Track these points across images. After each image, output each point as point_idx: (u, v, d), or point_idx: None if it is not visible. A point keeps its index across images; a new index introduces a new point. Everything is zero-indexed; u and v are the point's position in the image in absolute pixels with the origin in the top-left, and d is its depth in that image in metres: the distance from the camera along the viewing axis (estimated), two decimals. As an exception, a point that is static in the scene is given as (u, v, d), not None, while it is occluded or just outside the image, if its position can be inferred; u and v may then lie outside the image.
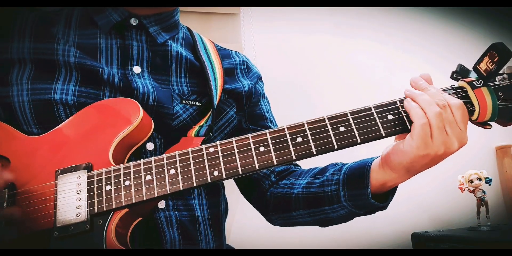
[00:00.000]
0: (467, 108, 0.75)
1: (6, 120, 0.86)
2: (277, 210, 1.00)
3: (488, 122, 0.78)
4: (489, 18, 2.51)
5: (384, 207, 0.85)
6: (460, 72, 0.79)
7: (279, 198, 0.98)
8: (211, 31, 2.18)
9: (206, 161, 0.74)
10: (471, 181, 2.02)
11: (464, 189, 2.05)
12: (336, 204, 0.87)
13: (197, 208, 0.93)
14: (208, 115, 0.95)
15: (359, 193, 0.83)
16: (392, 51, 2.43)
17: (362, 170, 0.84)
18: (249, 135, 0.75)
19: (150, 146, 0.89)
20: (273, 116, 1.15)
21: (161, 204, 0.88)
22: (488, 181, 2.03)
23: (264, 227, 1.04)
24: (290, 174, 1.04)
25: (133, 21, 0.94)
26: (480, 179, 2.02)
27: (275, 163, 0.73)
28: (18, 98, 0.85)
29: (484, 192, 2.03)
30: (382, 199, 0.85)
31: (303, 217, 0.95)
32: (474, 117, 0.76)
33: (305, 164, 0.96)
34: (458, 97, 0.76)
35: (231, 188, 1.10)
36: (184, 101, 0.94)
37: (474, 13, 2.51)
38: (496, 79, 0.75)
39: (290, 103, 2.18)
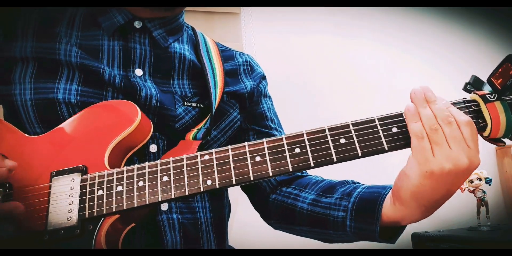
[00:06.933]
0: (478, 123, 0.68)
1: (10, 119, 0.86)
2: (280, 219, 0.97)
3: (502, 139, 0.71)
4: (489, 18, 2.49)
5: (392, 243, 0.80)
6: (474, 84, 0.72)
7: (282, 208, 0.95)
8: (211, 30, 2.18)
9: (200, 169, 0.71)
10: (471, 181, 2.02)
11: (464, 189, 2.05)
12: (341, 231, 0.83)
13: (200, 211, 0.91)
14: (206, 118, 0.93)
15: (366, 228, 0.78)
16: (393, 51, 2.43)
17: (373, 204, 0.77)
18: (246, 143, 0.72)
19: (153, 148, 0.87)
20: (276, 115, 1.12)
21: (164, 207, 0.86)
22: (488, 181, 2.02)
23: (264, 227, 1.03)
24: (295, 180, 0.99)
25: (137, 24, 0.92)
26: (480, 179, 2.02)
27: (271, 174, 0.69)
28: (20, 97, 0.84)
29: (484, 192, 2.03)
30: (390, 233, 0.79)
31: (305, 233, 0.92)
32: (486, 134, 0.70)
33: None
34: (469, 111, 0.70)
35: (230, 188, 1.09)
36: (186, 103, 0.92)
37: (474, 13, 2.50)
38: None
39: (290, 103, 2.17)
